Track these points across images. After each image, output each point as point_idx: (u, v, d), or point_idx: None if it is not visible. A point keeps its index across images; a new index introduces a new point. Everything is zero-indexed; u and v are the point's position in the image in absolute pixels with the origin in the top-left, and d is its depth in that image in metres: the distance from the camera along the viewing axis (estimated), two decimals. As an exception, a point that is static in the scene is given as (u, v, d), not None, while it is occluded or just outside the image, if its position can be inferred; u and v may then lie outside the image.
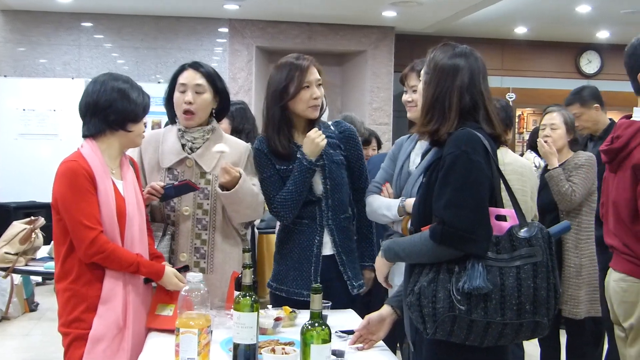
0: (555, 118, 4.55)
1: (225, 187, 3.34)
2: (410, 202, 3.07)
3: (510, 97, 13.15)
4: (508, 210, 2.41)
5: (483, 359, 2.40)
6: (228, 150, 3.37)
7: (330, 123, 3.63)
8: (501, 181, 2.48)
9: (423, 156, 2.95)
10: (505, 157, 4.28)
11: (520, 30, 12.86)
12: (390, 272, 2.79)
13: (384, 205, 3.34)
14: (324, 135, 3.36)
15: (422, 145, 3.25)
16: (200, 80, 3.41)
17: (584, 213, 4.46)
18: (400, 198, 3.25)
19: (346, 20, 11.58)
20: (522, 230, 2.33)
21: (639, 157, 2.99)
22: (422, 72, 2.57)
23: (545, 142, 4.46)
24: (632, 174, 3.03)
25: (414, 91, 3.23)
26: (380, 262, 2.63)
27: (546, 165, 4.56)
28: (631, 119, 3.16)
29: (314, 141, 3.33)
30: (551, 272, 2.31)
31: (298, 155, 3.38)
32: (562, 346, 4.76)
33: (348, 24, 11.73)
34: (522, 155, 7.32)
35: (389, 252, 2.56)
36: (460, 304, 2.27)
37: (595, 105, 5.02)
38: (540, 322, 2.31)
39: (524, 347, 4.60)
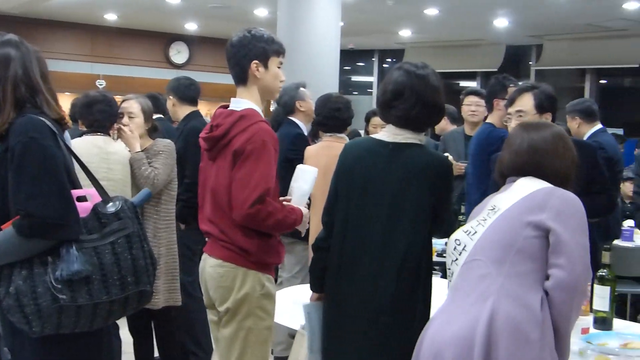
0: (133, 106, 4.45)
1: None
2: None
3: (100, 84, 13.01)
4: (88, 190, 2.39)
5: (84, 347, 2.36)
6: None
7: None
8: (76, 162, 2.45)
9: None
10: (110, 147, 4.22)
11: (110, 17, 12.78)
12: None
13: None
14: None
15: None
16: None
17: (164, 202, 4.46)
18: None
19: None
20: (107, 206, 2.33)
21: (240, 144, 3.07)
22: None
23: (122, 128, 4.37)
24: (232, 161, 3.10)
25: None
26: None
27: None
28: (229, 108, 3.23)
29: None
30: (144, 241, 2.34)
31: None
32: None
33: None
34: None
35: None
36: (62, 293, 2.20)
37: (171, 97, 5.16)
38: (145, 291, 2.34)
39: (120, 335, 4.58)
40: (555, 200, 2.41)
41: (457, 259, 2.53)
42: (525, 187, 2.50)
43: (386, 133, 3.00)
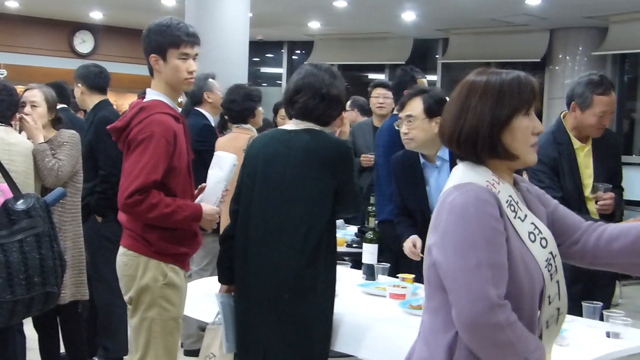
0: (35, 95, 4.36)
1: None
2: None
3: (2, 74, 12.60)
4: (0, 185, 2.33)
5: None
6: None
7: None
8: None
9: None
10: (11, 138, 4.09)
11: (12, 4, 12.37)
12: None
13: None
14: None
15: None
16: None
17: (69, 194, 4.29)
18: None
19: None
20: (18, 203, 2.27)
21: (134, 133, 3.09)
22: None
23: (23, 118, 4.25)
24: (126, 150, 3.14)
25: None
26: None
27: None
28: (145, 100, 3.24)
29: None
30: (54, 241, 2.30)
31: None
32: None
33: None
34: None
35: None
36: None
37: (79, 85, 5.06)
38: (51, 292, 2.29)
39: (25, 331, 4.45)
40: (443, 214, 1.91)
41: None
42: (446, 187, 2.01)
43: (290, 124, 3.16)
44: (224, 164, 3.33)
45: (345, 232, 5.20)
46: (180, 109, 3.30)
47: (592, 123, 3.70)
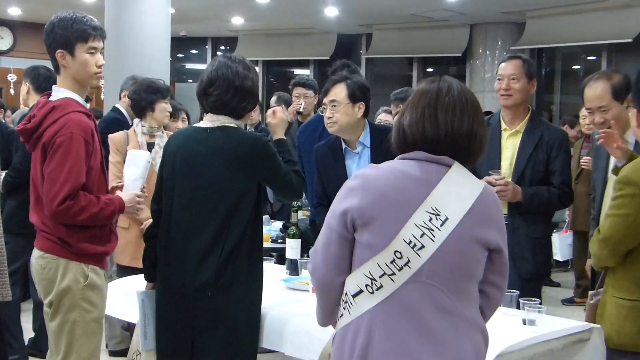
0: None
1: None
2: None
3: None
4: None
5: None
6: None
7: None
8: None
9: None
10: None
11: None
12: None
13: None
14: None
15: None
16: None
17: None
18: None
19: None
20: None
21: (48, 136, 3.02)
22: None
23: None
24: (42, 154, 3.05)
25: None
26: None
27: None
28: (50, 98, 3.15)
29: None
30: None
31: None
32: None
33: None
34: None
35: None
36: None
37: (27, 83, 4.97)
38: None
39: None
40: (495, 214, 2.15)
41: (394, 274, 2.06)
42: (467, 187, 2.12)
43: (206, 121, 3.13)
44: (139, 162, 3.34)
45: (270, 228, 5.21)
46: (88, 106, 3.23)
47: (496, 89, 3.92)
